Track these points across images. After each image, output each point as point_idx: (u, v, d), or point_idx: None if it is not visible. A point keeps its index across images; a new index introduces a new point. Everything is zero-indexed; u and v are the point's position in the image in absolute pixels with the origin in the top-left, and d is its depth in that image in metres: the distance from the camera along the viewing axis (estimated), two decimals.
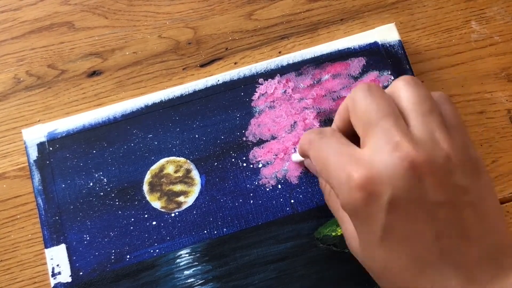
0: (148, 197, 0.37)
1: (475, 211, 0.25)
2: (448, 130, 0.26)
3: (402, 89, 0.27)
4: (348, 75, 0.39)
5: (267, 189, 0.37)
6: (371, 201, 0.24)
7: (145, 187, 0.37)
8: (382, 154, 0.24)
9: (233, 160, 0.37)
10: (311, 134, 0.29)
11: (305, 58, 0.39)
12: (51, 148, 0.38)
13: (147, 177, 0.37)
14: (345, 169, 0.25)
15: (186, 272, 0.35)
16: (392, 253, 0.25)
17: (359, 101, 0.27)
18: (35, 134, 0.38)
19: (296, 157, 0.37)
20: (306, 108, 0.38)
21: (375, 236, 0.25)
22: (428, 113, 0.26)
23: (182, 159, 0.38)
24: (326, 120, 0.38)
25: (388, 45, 0.39)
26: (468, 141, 0.26)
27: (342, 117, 0.29)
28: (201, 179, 0.37)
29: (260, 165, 0.37)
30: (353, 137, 0.28)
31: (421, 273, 0.25)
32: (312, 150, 0.29)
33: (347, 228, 0.29)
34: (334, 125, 0.31)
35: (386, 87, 0.39)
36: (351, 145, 0.27)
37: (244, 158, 0.38)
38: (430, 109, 0.26)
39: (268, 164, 0.37)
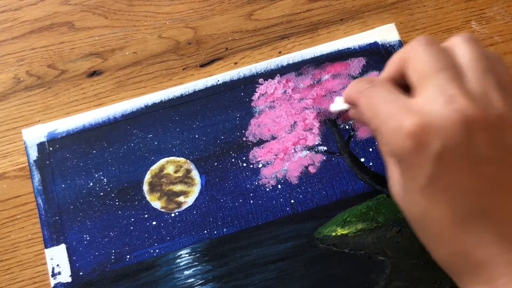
0: (148, 197, 0.37)
1: None
2: (503, 90, 0.26)
3: (461, 45, 0.27)
4: (348, 75, 0.39)
5: (267, 189, 0.37)
6: (419, 150, 0.25)
7: (145, 187, 0.37)
8: (436, 105, 0.25)
9: (233, 160, 0.37)
10: (361, 83, 0.29)
11: (305, 58, 0.39)
12: (51, 148, 0.38)
13: (147, 177, 0.37)
14: (397, 117, 0.25)
15: (186, 272, 0.35)
16: (433, 202, 0.26)
17: (418, 53, 0.27)
18: (35, 134, 0.38)
19: (336, 106, 0.36)
20: (306, 108, 0.38)
21: (419, 184, 0.26)
22: (485, 71, 0.26)
23: (182, 159, 0.38)
24: (326, 120, 0.38)
25: (388, 45, 0.39)
26: None
27: (395, 68, 0.29)
28: (201, 179, 0.37)
29: (260, 165, 0.37)
30: (401, 89, 0.28)
31: (458, 225, 0.25)
32: (362, 98, 0.29)
33: (393, 173, 0.29)
34: (385, 74, 0.30)
35: None
36: (403, 95, 0.27)
37: (244, 158, 0.38)
38: (487, 68, 0.26)
39: (268, 164, 0.37)
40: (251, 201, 0.37)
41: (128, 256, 0.36)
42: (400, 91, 0.27)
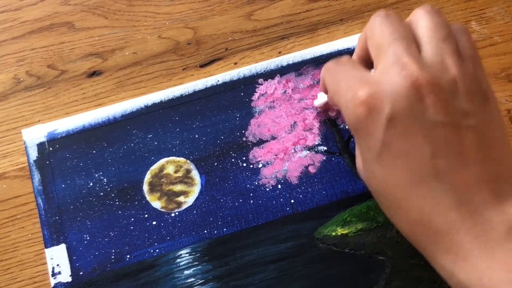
0: (148, 197, 0.37)
1: (477, 137, 0.25)
2: (461, 59, 0.26)
3: (421, 17, 0.27)
4: None
5: (267, 189, 0.37)
6: (371, 116, 0.25)
7: (145, 187, 0.37)
8: (388, 74, 0.25)
9: (233, 160, 0.37)
10: (328, 64, 0.30)
11: (305, 58, 0.39)
12: (51, 148, 0.38)
13: (147, 177, 0.37)
14: (352, 88, 0.26)
15: (186, 272, 0.35)
16: (388, 168, 0.26)
17: (375, 26, 0.27)
18: (35, 134, 0.38)
19: (319, 100, 0.37)
20: (306, 108, 0.39)
21: (374, 152, 0.26)
22: (442, 40, 0.26)
23: (182, 159, 0.38)
24: (326, 120, 0.38)
25: None
26: (480, 72, 0.27)
27: (361, 46, 0.30)
28: (201, 179, 0.37)
29: (260, 165, 0.37)
30: (372, 66, 0.28)
31: (414, 190, 0.25)
32: (327, 77, 0.30)
33: (357, 148, 0.30)
34: (354, 55, 0.31)
35: None
36: (364, 70, 0.28)
37: (244, 158, 0.38)
38: (445, 36, 0.26)
39: (268, 164, 0.37)
40: (251, 201, 0.37)
41: (128, 256, 0.36)
42: (363, 67, 0.28)
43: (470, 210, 0.24)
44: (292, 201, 0.37)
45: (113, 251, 0.36)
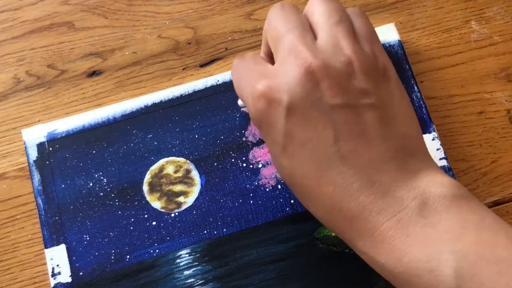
0: (148, 197, 0.37)
1: (377, 114, 0.25)
2: (358, 39, 0.26)
3: (315, 4, 0.27)
4: None
5: (267, 189, 0.37)
6: (271, 108, 0.25)
7: (145, 187, 0.37)
8: (285, 64, 0.25)
9: (233, 160, 0.37)
10: (235, 60, 0.30)
11: None
12: (51, 148, 0.38)
13: (147, 177, 0.37)
14: (251, 83, 0.26)
15: (186, 272, 0.35)
16: (294, 159, 0.26)
17: (271, 19, 0.27)
18: (35, 134, 0.38)
19: (241, 101, 0.37)
20: None
21: (279, 145, 0.26)
22: (336, 23, 0.26)
23: (182, 159, 0.38)
24: None
25: (387, 45, 0.39)
26: (378, 50, 0.27)
27: (264, 42, 0.30)
28: (201, 179, 0.37)
29: (260, 165, 0.37)
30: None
31: (322, 177, 0.25)
32: (232, 74, 0.30)
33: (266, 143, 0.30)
34: (261, 50, 0.31)
35: None
36: (265, 64, 0.28)
37: (244, 158, 0.38)
38: (339, 20, 0.26)
39: (268, 164, 0.37)
40: (251, 201, 0.37)
41: (128, 256, 0.36)
42: (266, 62, 0.28)
43: (381, 190, 0.24)
44: (292, 201, 0.37)
45: (113, 251, 0.36)
